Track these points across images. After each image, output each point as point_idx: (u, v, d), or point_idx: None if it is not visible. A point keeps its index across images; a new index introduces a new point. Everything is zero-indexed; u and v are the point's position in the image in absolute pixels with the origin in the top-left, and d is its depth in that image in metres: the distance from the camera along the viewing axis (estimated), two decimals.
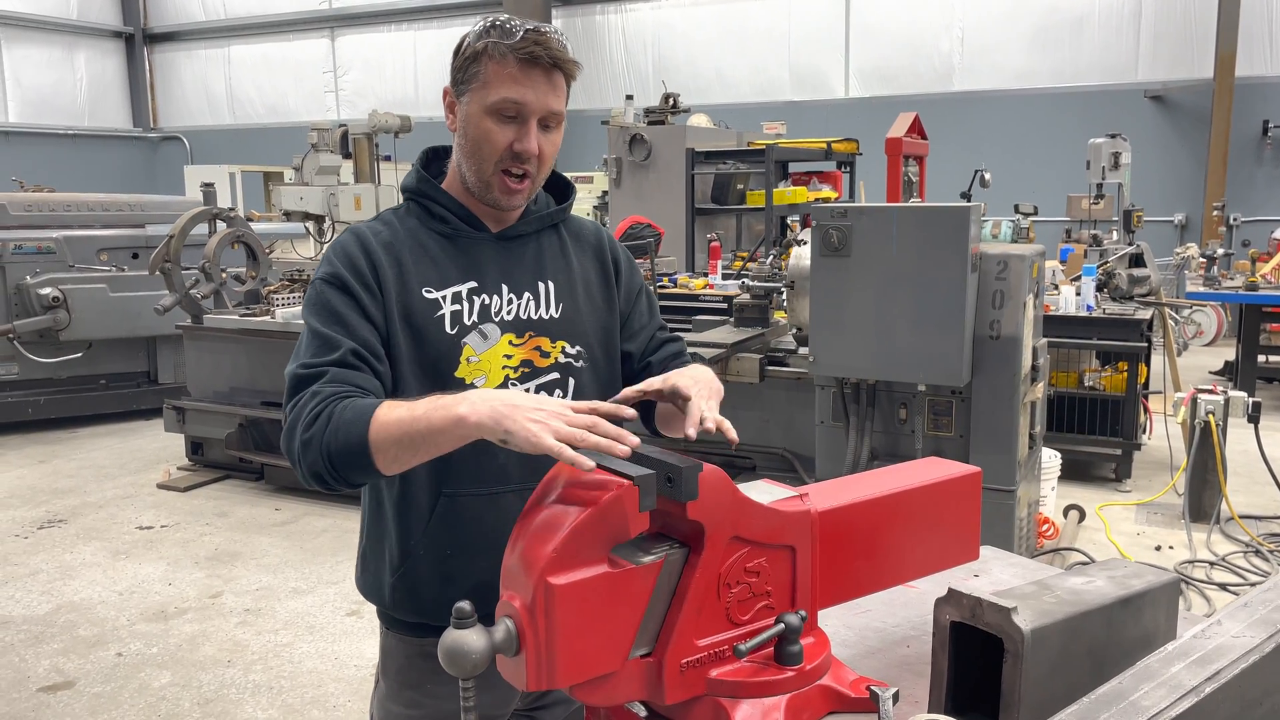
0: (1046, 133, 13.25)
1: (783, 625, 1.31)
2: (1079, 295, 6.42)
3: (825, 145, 8.58)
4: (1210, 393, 5.41)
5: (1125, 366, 6.34)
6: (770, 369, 5.07)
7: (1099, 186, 7.94)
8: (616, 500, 1.22)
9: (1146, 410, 6.70)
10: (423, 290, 1.70)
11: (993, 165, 8.92)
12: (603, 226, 2.02)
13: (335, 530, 5.65)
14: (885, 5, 14.48)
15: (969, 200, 6.19)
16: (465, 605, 1.18)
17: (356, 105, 17.98)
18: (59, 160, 19.04)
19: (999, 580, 1.82)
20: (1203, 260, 8.64)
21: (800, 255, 4.67)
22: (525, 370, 1.75)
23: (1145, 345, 6.37)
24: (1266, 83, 12.50)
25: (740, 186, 8.83)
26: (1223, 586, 4.76)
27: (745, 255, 7.97)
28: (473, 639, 1.17)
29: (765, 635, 1.30)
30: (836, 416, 4.46)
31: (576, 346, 1.80)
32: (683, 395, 1.59)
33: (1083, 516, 5.53)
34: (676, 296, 6.42)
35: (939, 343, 4.01)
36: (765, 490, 1.41)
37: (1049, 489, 5.33)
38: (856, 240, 4.09)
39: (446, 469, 1.70)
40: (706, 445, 5.72)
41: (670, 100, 9.38)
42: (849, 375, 4.33)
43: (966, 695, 1.30)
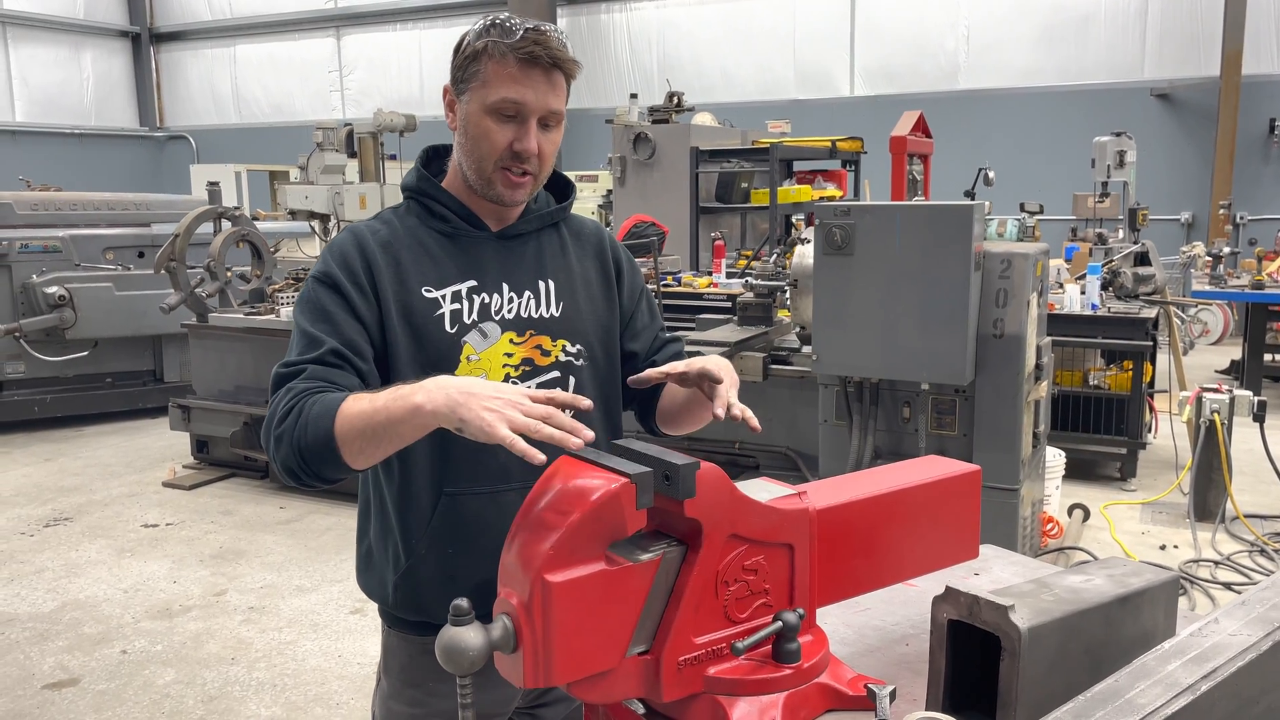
0: (1052, 131, 13.23)
1: (780, 623, 1.31)
2: (1084, 294, 6.41)
3: (830, 144, 8.56)
4: (1215, 391, 5.40)
5: (1130, 365, 6.33)
6: (774, 368, 5.07)
7: (1104, 185, 7.92)
8: (614, 498, 1.22)
9: (1152, 409, 6.69)
10: (422, 289, 1.70)
11: (998, 164, 8.91)
12: (604, 226, 2.02)
13: (339, 528, 5.66)
14: (890, 3, 14.46)
15: (973, 199, 6.18)
16: (463, 603, 1.18)
17: (362, 104, 18.00)
18: (66, 159, 19.09)
19: (999, 579, 1.81)
20: (1209, 259, 8.61)
21: (803, 254, 4.66)
22: (526, 369, 1.75)
23: (1150, 344, 6.36)
24: (1273, 81, 12.47)
25: (745, 185, 8.82)
26: (1227, 586, 4.74)
27: (750, 254, 7.97)
28: (470, 636, 1.17)
29: (763, 633, 1.30)
30: (840, 415, 4.45)
31: (577, 345, 1.80)
32: (713, 377, 1.61)
33: (1087, 515, 5.52)
34: (680, 295, 6.42)
35: (942, 341, 4.00)
36: (763, 488, 1.41)
37: (1053, 488, 5.32)
38: (859, 239, 4.08)
39: (447, 468, 1.70)
40: (709, 444, 5.72)
41: (674, 99, 9.37)
42: (852, 374, 4.33)
43: (964, 693, 1.30)
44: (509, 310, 1.75)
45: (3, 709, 3.77)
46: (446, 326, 1.70)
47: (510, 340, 1.74)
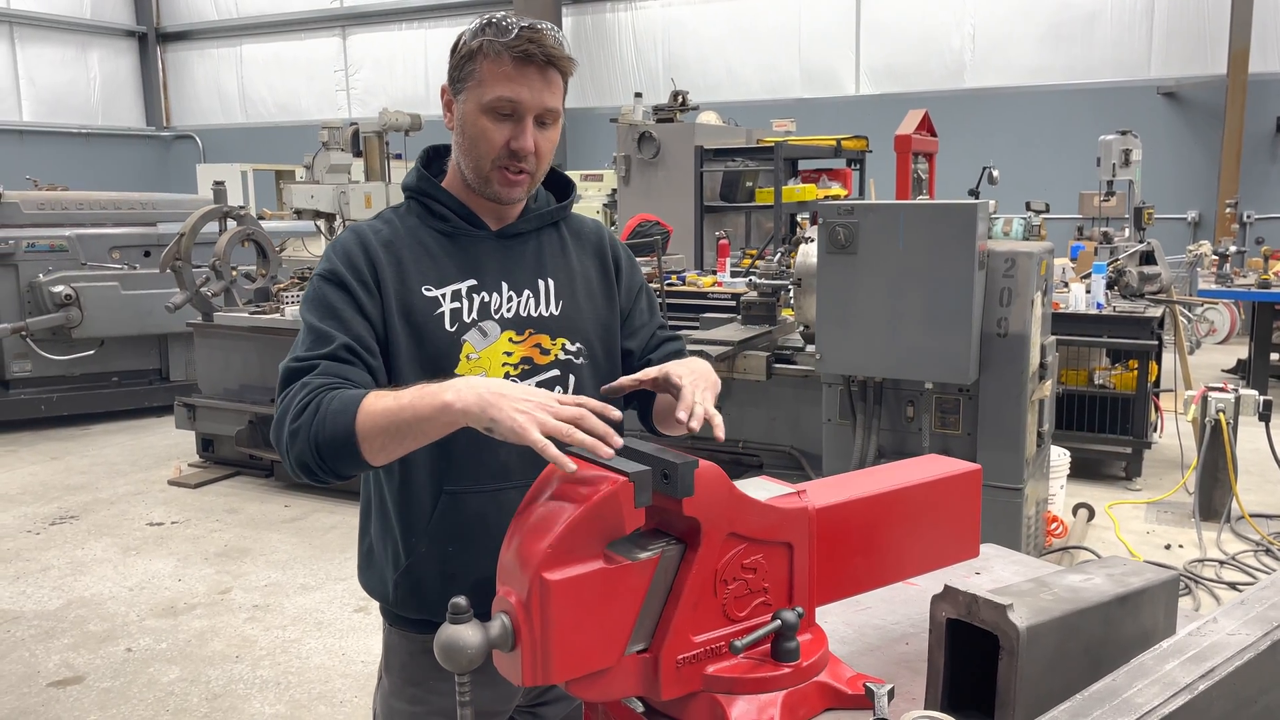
0: (1058, 130, 13.19)
1: (779, 622, 1.32)
2: (1089, 293, 6.39)
3: (835, 143, 8.55)
4: (1221, 391, 5.38)
5: (1135, 364, 6.31)
6: (777, 367, 5.06)
7: (1110, 183, 7.90)
8: (612, 496, 1.22)
9: (1157, 408, 6.67)
10: (422, 288, 1.70)
11: (1005, 162, 8.88)
12: (603, 225, 2.02)
13: (344, 527, 5.67)
14: (896, 2, 14.43)
15: (977, 197, 6.17)
16: (461, 600, 1.19)
17: (368, 104, 18.02)
18: (73, 159, 19.15)
19: (1000, 578, 1.81)
20: (1215, 258, 8.58)
21: (807, 253, 4.66)
22: (525, 367, 1.75)
23: (1156, 343, 6.34)
24: None
25: (749, 184, 8.82)
26: (1232, 585, 4.73)
27: (754, 253, 7.96)
28: (468, 634, 1.17)
29: (761, 632, 1.31)
30: (843, 414, 4.45)
31: (576, 344, 1.80)
32: (674, 384, 1.58)
33: (1092, 515, 5.51)
34: (684, 294, 6.41)
35: (946, 340, 4.00)
36: (763, 487, 1.41)
37: (1058, 487, 5.31)
38: (863, 238, 4.08)
39: (448, 466, 1.71)
40: (713, 443, 5.70)
41: (679, 98, 9.37)
42: (856, 373, 4.32)
43: (963, 692, 1.30)
44: (508, 309, 1.75)
45: (8, 706, 3.79)
46: (446, 325, 1.70)
47: (509, 339, 1.74)
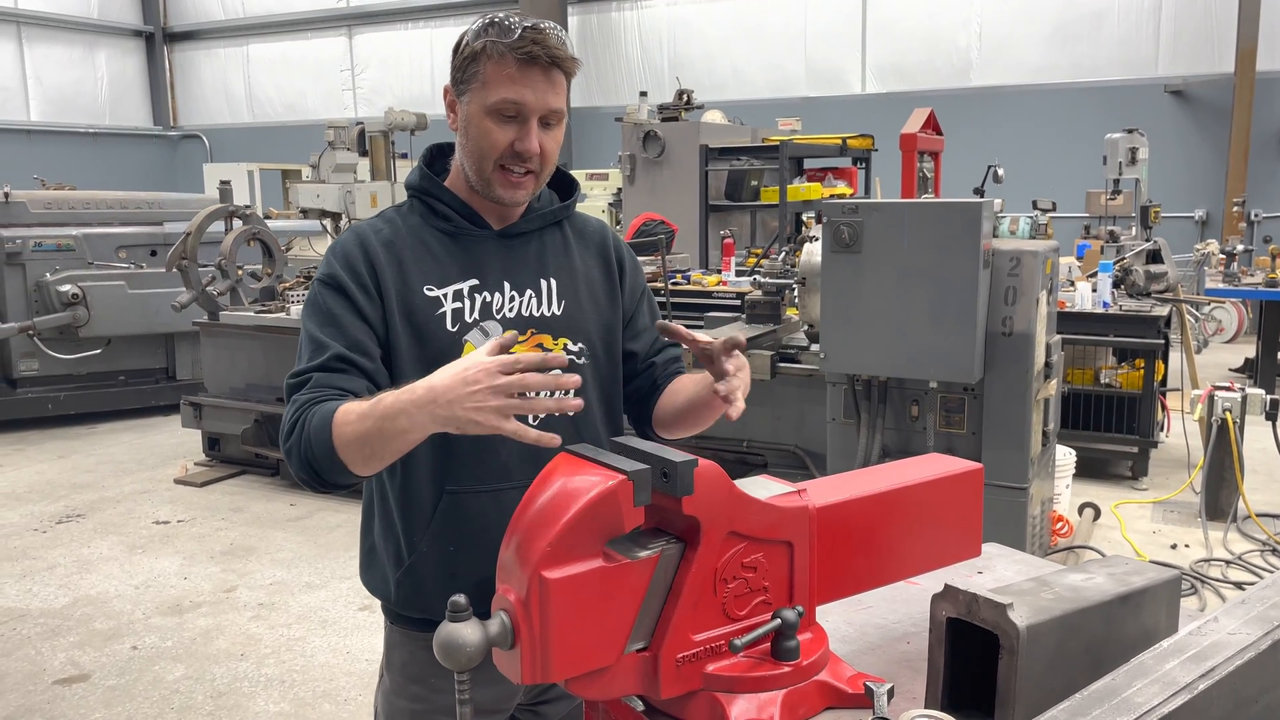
0: (1065, 128, 13.16)
1: (779, 620, 1.31)
2: (1095, 292, 6.38)
3: (840, 141, 8.54)
4: (1228, 390, 5.37)
5: (1142, 364, 6.29)
6: (782, 366, 5.06)
7: (1116, 182, 7.88)
8: (611, 495, 1.22)
9: (1164, 407, 6.65)
10: (424, 288, 1.70)
11: (1011, 161, 8.87)
12: (607, 225, 2.02)
13: (349, 525, 5.68)
14: (902, 1, 14.41)
15: (982, 196, 6.15)
16: (460, 599, 1.19)
17: (374, 103, 18.05)
18: (80, 158, 19.22)
19: (1002, 577, 1.80)
20: (1222, 256, 8.55)
21: (811, 252, 4.66)
22: None
23: (1162, 342, 6.32)
24: None
25: (754, 183, 8.81)
26: (1238, 585, 4.71)
27: (759, 252, 7.95)
28: (467, 632, 1.17)
29: (761, 630, 1.30)
30: (848, 413, 4.44)
31: (578, 344, 1.80)
32: (739, 343, 1.61)
33: (1098, 514, 5.50)
34: (689, 293, 6.41)
35: (951, 339, 3.99)
36: (763, 486, 1.41)
37: (1063, 486, 5.30)
38: (868, 236, 4.07)
39: (449, 466, 1.71)
40: (717, 443, 5.70)
41: (684, 97, 9.36)
42: (860, 372, 4.31)
43: (964, 691, 1.30)
44: (510, 309, 1.75)
45: (14, 704, 3.80)
46: (448, 325, 1.70)
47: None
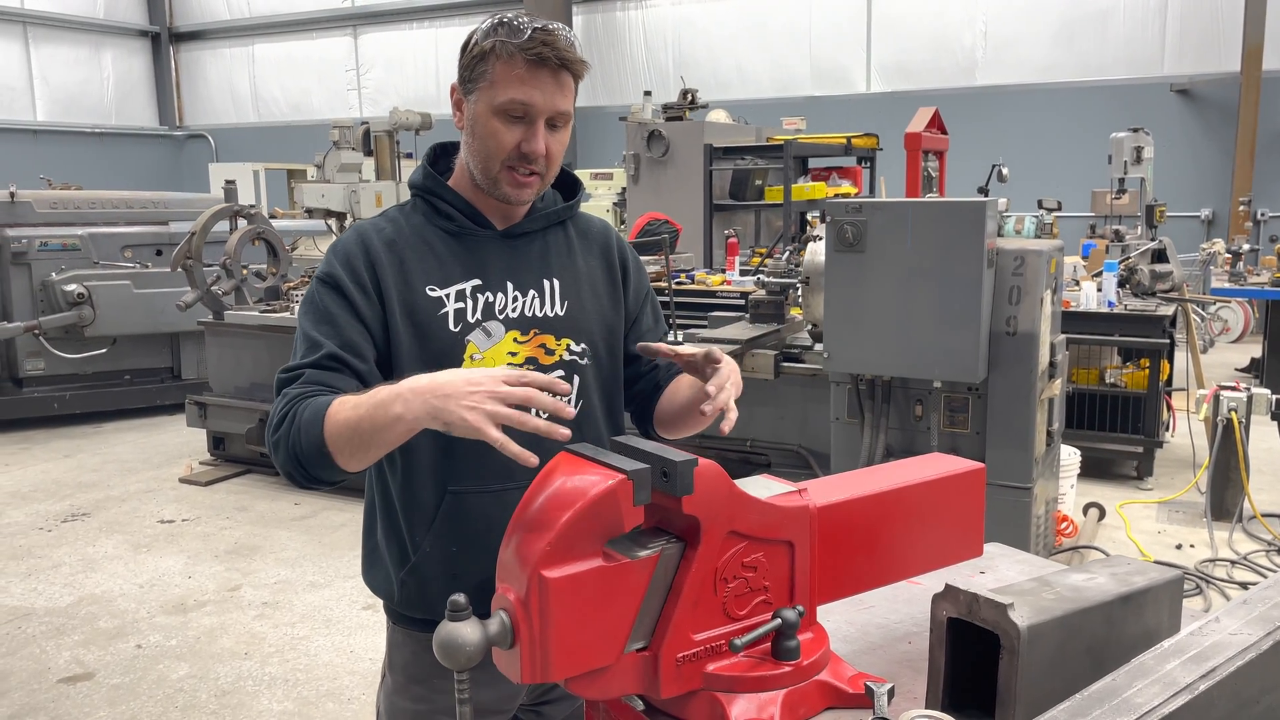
0: (1071, 127, 13.13)
1: (780, 620, 1.31)
2: (1100, 291, 6.36)
3: (845, 140, 8.53)
4: (1233, 390, 5.35)
5: (1147, 363, 6.28)
6: (785, 365, 5.05)
7: (1121, 181, 7.85)
8: (611, 494, 1.22)
9: (1170, 407, 6.63)
10: (426, 288, 1.70)
11: (1016, 160, 8.85)
12: (611, 226, 2.01)
13: (353, 525, 5.69)
14: None
15: (987, 195, 6.14)
16: (460, 598, 1.18)
17: (379, 103, 18.07)
18: (86, 158, 19.27)
19: (1005, 577, 1.80)
20: (1229, 255, 8.53)
21: (815, 251, 4.65)
22: (530, 368, 1.74)
23: (1167, 342, 6.30)
24: None
25: (759, 182, 8.80)
26: (1244, 585, 4.70)
27: (763, 251, 7.95)
28: (467, 631, 1.17)
29: (761, 630, 1.30)
30: (851, 413, 4.44)
31: (581, 344, 1.80)
32: (714, 357, 1.62)
33: (1102, 514, 5.48)
34: (693, 292, 6.42)
35: (955, 339, 3.98)
36: (763, 485, 1.40)
37: (1068, 486, 5.29)
38: (871, 236, 4.06)
39: (451, 466, 1.71)
40: (721, 442, 5.69)
41: (689, 96, 9.36)
42: (864, 371, 4.31)
43: (965, 691, 1.29)
44: (513, 309, 1.74)
45: (19, 702, 3.81)
46: (450, 325, 1.70)
47: (514, 339, 1.74)
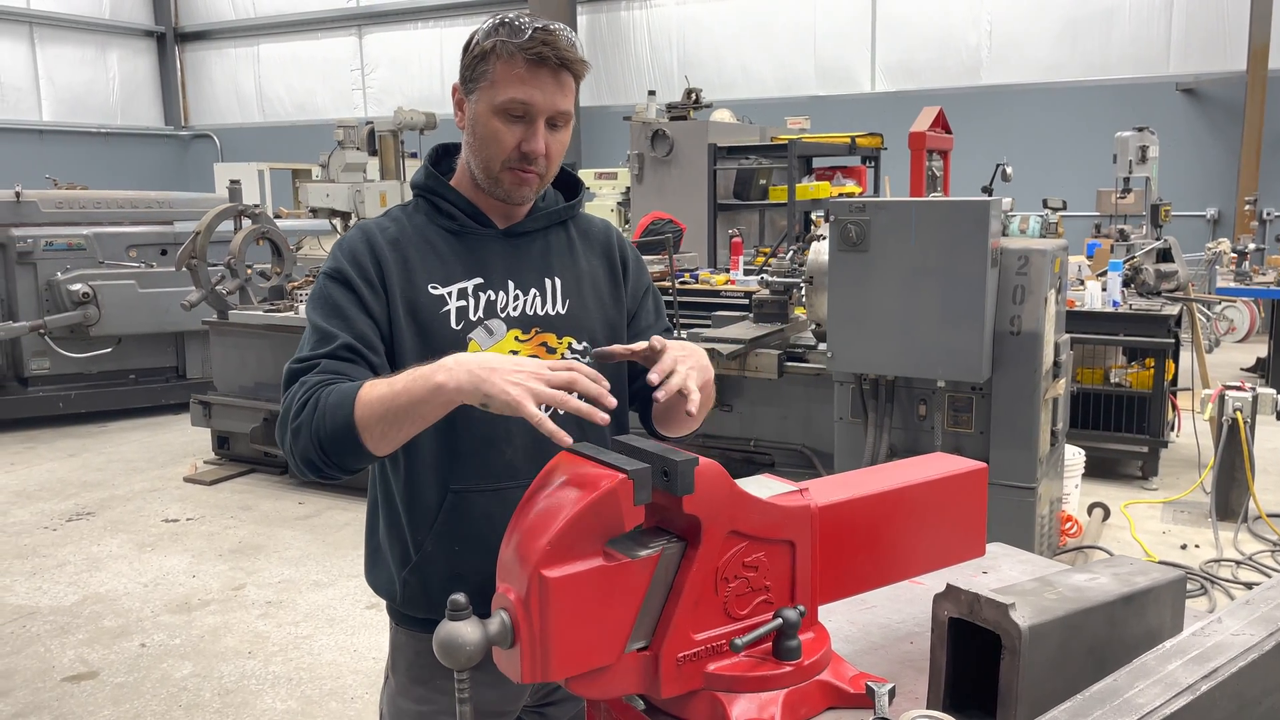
0: (1076, 126, 13.11)
1: (780, 620, 1.31)
2: (1105, 290, 6.35)
3: (849, 140, 8.52)
4: (1239, 389, 5.34)
5: (1152, 363, 6.26)
6: (789, 365, 5.05)
7: (1126, 180, 7.84)
8: (611, 494, 1.22)
9: (1175, 407, 6.61)
10: (428, 286, 1.70)
11: (1022, 160, 8.84)
12: (612, 225, 2.01)
13: (356, 524, 5.69)
14: None
15: (991, 194, 6.13)
16: (460, 597, 1.18)
17: (384, 103, 18.09)
18: (92, 158, 19.31)
19: (1007, 577, 1.80)
20: (1234, 255, 8.51)
21: (819, 250, 4.65)
22: None
23: (1173, 341, 6.29)
24: None
25: (763, 182, 8.80)
26: (1248, 586, 4.68)
27: (767, 251, 7.94)
28: (467, 631, 1.17)
29: (762, 630, 1.30)
30: (855, 413, 4.43)
31: (583, 343, 1.80)
32: (654, 347, 1.56)
33: (1107, 514, 5.47)
34: (697, 292, 6.41)
35: (958, 338, 3.97)
36: (765, 485, 1.40)
37: (1073, 486, 5.27)
38: (875, 235, 4.06)
39: (453, 465, 1.71)
40: (725, 442, 5.68)
41: (693, 95, 9.35)
42: (868, 371, 4.31)
43: (966, 691, 1.29)
44: (515, 307, 1.75)
45: (23, 701, 3.82)
46: (452, 323, 1.70)
47: (515, 337, 1.74)
